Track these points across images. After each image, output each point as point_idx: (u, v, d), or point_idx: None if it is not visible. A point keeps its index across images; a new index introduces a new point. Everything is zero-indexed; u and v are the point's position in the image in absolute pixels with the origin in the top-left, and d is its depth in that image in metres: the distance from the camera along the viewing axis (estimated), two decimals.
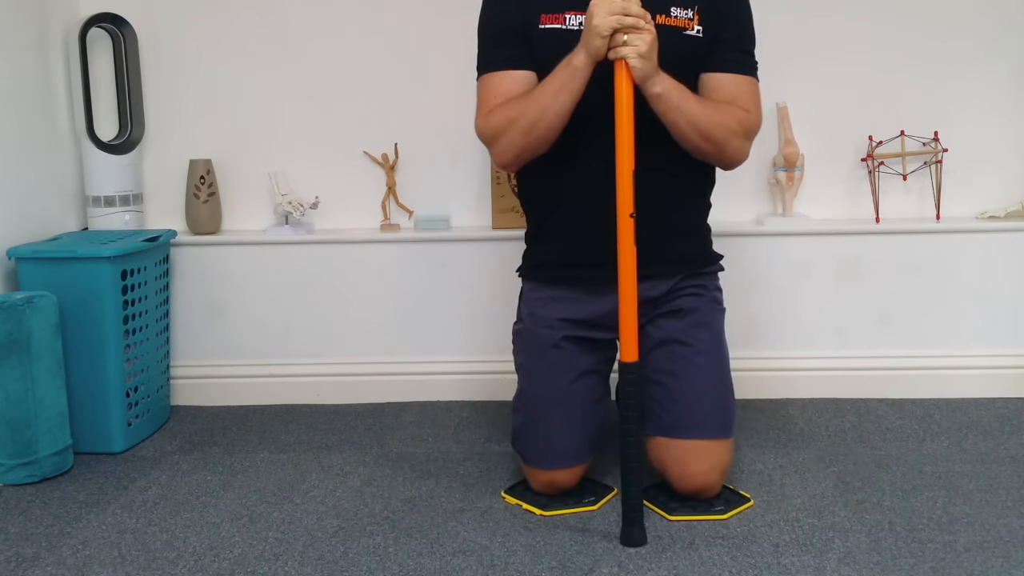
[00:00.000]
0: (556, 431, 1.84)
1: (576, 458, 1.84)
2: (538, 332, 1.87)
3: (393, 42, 2.51)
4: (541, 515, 1.80)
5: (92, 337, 2.15)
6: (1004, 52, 2.46)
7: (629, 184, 1.61)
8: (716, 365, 1.86)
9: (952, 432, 2.21)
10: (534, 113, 1.69)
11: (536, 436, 1.86)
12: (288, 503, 1.90)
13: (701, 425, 1.80)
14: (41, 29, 2.38)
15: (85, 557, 1.68)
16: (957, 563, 1.59)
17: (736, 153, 1.78)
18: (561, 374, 1.84)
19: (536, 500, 1.85)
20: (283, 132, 2.55)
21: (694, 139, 1.72)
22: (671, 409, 1.81)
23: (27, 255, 2.15)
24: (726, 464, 1.84)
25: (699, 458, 1.79)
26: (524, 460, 1.89)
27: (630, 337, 1.65)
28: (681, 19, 1.77)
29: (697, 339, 1.84)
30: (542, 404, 1.86)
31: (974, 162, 2.49)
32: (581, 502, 1.83)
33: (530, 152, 1.75)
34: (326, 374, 2.54)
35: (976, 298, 2.45)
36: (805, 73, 2.48)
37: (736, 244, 2.44)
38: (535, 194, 1.91)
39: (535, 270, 1.92)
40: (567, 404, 1.84)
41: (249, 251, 2.51)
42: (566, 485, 1.85)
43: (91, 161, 2.44)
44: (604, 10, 1.59)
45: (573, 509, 1.82)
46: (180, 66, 2.54)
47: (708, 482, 1.80)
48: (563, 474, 1.84)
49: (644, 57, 1.59)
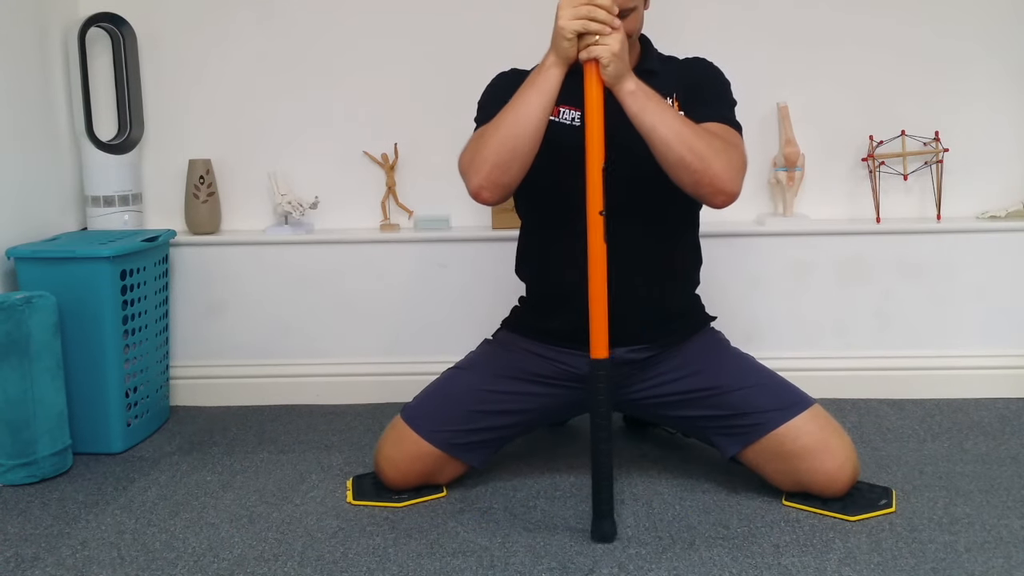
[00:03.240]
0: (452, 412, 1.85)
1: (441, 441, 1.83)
2: (513, 344, 1.90)
3: (393, 42, 2.51)
4: (349, 503, 1.86)
5: (91, 337, 2.14)
6: (1005, 52, 2.46)
7: (599, 182, 1.60)
8: (748, 363, 1.88)
9: (953, 433, 2.20)
10: (507, 117, 1.66)
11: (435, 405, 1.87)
12: (288, 504, 1.89)
13: (777, 411, 1.77)
14: (40, 29, 2.37)
15: (84, 558, 1.68)
16: (958, 563, 1.58)
17: (726, 175, 1.62)
18: (498, 383, 1.86)
19: (359, 484, 1.92)
20: (283, 132, 2.55)
21: (676, 147, 1.59)
22: (737, 422, 1.80)
23: (26, 255, 2.14)
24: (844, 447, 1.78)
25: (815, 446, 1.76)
26: (404, 415, 1.88)
27: (600, 333, 1.64)
28: None
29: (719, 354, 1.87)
30: (462, 391, 1.87)
31: (975, 162, 2.49)
32: (393, 497, 1.86)
33: (502, 168, 1.66)
34: (326, 374, 2.53)
35: (977, 298, 2.45)
36: (806, 73, 2.48)
37: (736, 244, 2.44)
38: (532, 275, 1.93)
39: (533, 333, 1.91)
40: (484, 402, 1.85)
41: (249, 251, 2.51)
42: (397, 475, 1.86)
43: (90, 161, 2.44)
44: (569, 12, 1.57)
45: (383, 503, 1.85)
46: (180, 66, 2.54)
47: (840, 474, 1.76)
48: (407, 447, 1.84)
49: (616, 56, 1.57)
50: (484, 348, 1.99)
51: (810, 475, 1.77)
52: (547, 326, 1.87)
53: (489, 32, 2.48)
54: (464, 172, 1.73)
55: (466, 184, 1.72)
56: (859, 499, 1.80)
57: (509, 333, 1.97)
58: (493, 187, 1.68)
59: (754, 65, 2.42)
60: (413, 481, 1.87)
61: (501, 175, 1.67)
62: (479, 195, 1.70)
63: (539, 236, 1.89)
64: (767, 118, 2.49)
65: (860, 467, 1.82)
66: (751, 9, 2.46)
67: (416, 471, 1.86)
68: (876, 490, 1.84)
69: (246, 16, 2.51)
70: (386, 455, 1.88)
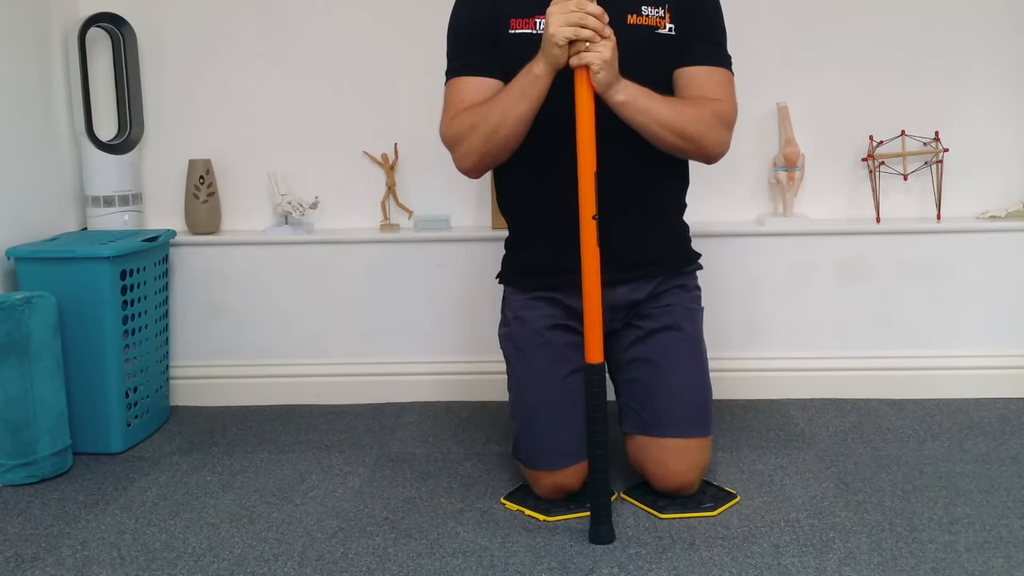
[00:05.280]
0: (555, 430, 1.83)
1: (578, 455, 1.81)
2: (526, 333, 1.87)
3: (393, 41, 2.51)
4: (544, 520, 1.79)
5: (91, 337, 2.14)
6: (1006, 52, 2.45)
7: (591, 187, 1.61)
8: (695, 364, 1.87)
9: (953, 433, 2.20)
10: (495, 119, 1.68)
11: (536, 437, 1.85)
12: (288, 504, 1.89)
13: (680, 424, 1.81)
14: (40, 29, 2.37)
15: (84, 558, 1.68)
16: (958, 564, 1.58)
17: (716, 145, 1.74)
18: (553, 371, 1.84)
19: (538, 505, 1.84)
20: (283, 132, 2.55)
21: (669, 139, 1.68)
22: (649, 407, 1.82)
23: (26, 255, 2.14)
24: (705, 463, 1.85)
25: (678, 457, 1.81)
26: (526, 464, 1.87)
27: (595, 339, 1.66)
28: (653, 18, 1.76)
29: (675, 339, 1.85)
30: (539, 404, 1.85)
31: (975, 162, 2.48)
32: (583, 506, 1.81)
33: (491, 158, 1.74)
34: (326, 374, 2.53)
35: (977, 298, 2.44)
36: (806, 72, 2.48)
37: (736, 244, 2.44)
38: (511, 206, 1.92)
39: (516, 278, 1.92)
40: (563, 401, 1.83)
41: (249, 251, 2.51)
42: (571, 487, 1.83)
43: (90, 161, 2.44)
44: (560, 19, 1.57)
45: (576, 514, 1.80)
46: (180, 66, 2.54)
47: (686, 481, 1.81)
48: (567, 474, 1.82)
49: (607, 63, 1.57)
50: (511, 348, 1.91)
51: (653, 465, 1.82)
52: (531, 262, 1.87)
53: None
54: (449, 147, 1.79)
55: (453, 158, 1.80)
56: (688, 500, 1.82)
57: (509, 296, 1.94)
58: (480, 171, 1.79)
59: (754, 65, 2.42)
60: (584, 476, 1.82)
61: (489, 164, 1.77)
62: (466, 174, 1.81)
63: (520, 161, 1.81)
64: (767, 118, 2.49)
65: (700, 484, 1.86)
66: (751, 9, 2.45)
67: (583, 472, 1.81)
68: (711, 490, 1.87)
69: (246, 16, 2.51)
70: (551, 490, 1.83)
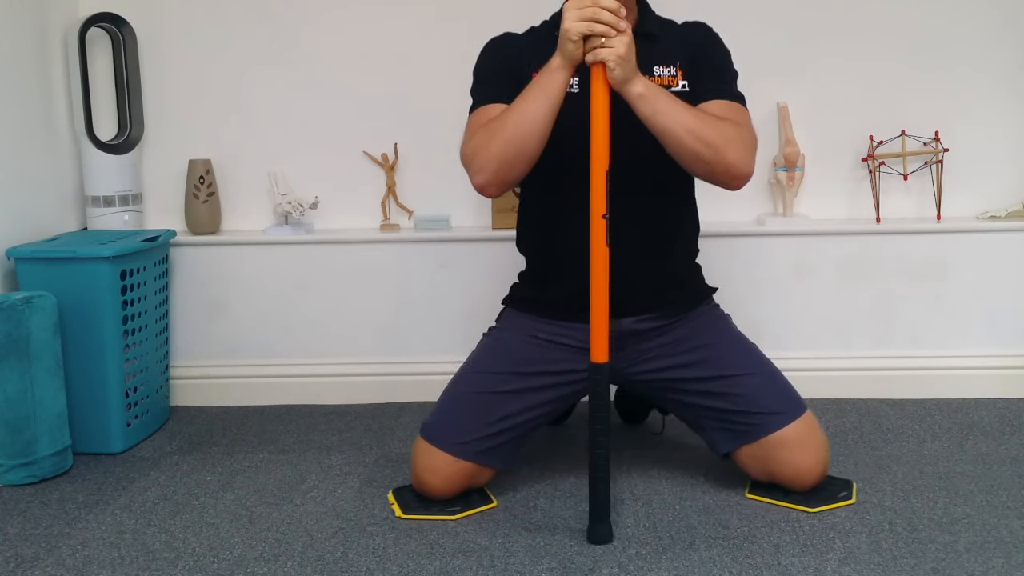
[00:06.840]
0: (476, 417, 1.81)
1: (466, 462, 1.79)
2: (514, 332, 1.89)
3: (393, 42, 2.51)
4: (399, 517, 1.80)
5: (91, 337, 2.14)
6: (1005, 52, 2.46)
7: (603, 185, 1.60)
8: (753, 356, 1.88)
9: (953, 433, 2.20)
10: (513, 119, 1.66)
11: (450, 412, 1.83)
12: (288, 504, 1.89)
13: (778, 414, 1.80)
14: (40, 29, 2.37)
15: (84, 558, 1.68)
16: (958, 564, 1.58)
17: (740, 160, 1.68)
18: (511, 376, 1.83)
19: (402, 497, 1.86)
20: (283, 132, 2.55)
21: (689, 143, 1.63)
22: (739, 419, 1.81)
23: (26, 255, 2.14)
24: (823, 445, 1.83)
25: (802, 450, 1.79)
26: (423, 432, 1.84)
27: (601, 337, 1.64)
28: (666, 77, 1.78)
29: (720, 348, 1.86)
30: (480, 388, 1.84)
31: (975, 162, 2.49)
32: (444, 510, 1.80)
33: (508, 166, 1.68)
34: (326, 374, 2.53)
35: (977, 298, 2.45)
36: (806, 72, 2.48)
37: (736, 244, 2.44)
38: (533, 243, 1.92)
39: (528, 303, 1.91)
40: (499, 402, 1.81)
41: (248, 251, 2.51)
42: (434, 489, 1.81)
43: (90, 161, 2.44)
44: (574, 15, 1.57)
45: (429, 516, 1.79)
46: (180, 66, 2.54)
47: (819, 473, 1.81)
48: (439, 470, 1.79)
49: (623, 59, 1.57)
50: (486, 344, 1.95)
51: (783, 466, 1.80)
52: (547, 296, 1.87)
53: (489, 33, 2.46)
54: (467, 165, 1.74)
55: (470, 177, 1.74)
56: (820, 491, 1.83)
57: (510, 312, 1.95)
58: (499, 184, 1.72)
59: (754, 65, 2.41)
60: (457, 488, 1.82)
61: (507, 174, 1.71)
62: (484, 190, 1.74)
63: (539, 203, 1.87)
64: (767, 118, 2.49)
65: (830, 463, 1.86)
66: (751, 9, 2.45)
67: (456, 482, 1.82)
68: (837, 482, 1.87)
69: (246, 16, 2.51)
70: (422, 469, 1.83)
